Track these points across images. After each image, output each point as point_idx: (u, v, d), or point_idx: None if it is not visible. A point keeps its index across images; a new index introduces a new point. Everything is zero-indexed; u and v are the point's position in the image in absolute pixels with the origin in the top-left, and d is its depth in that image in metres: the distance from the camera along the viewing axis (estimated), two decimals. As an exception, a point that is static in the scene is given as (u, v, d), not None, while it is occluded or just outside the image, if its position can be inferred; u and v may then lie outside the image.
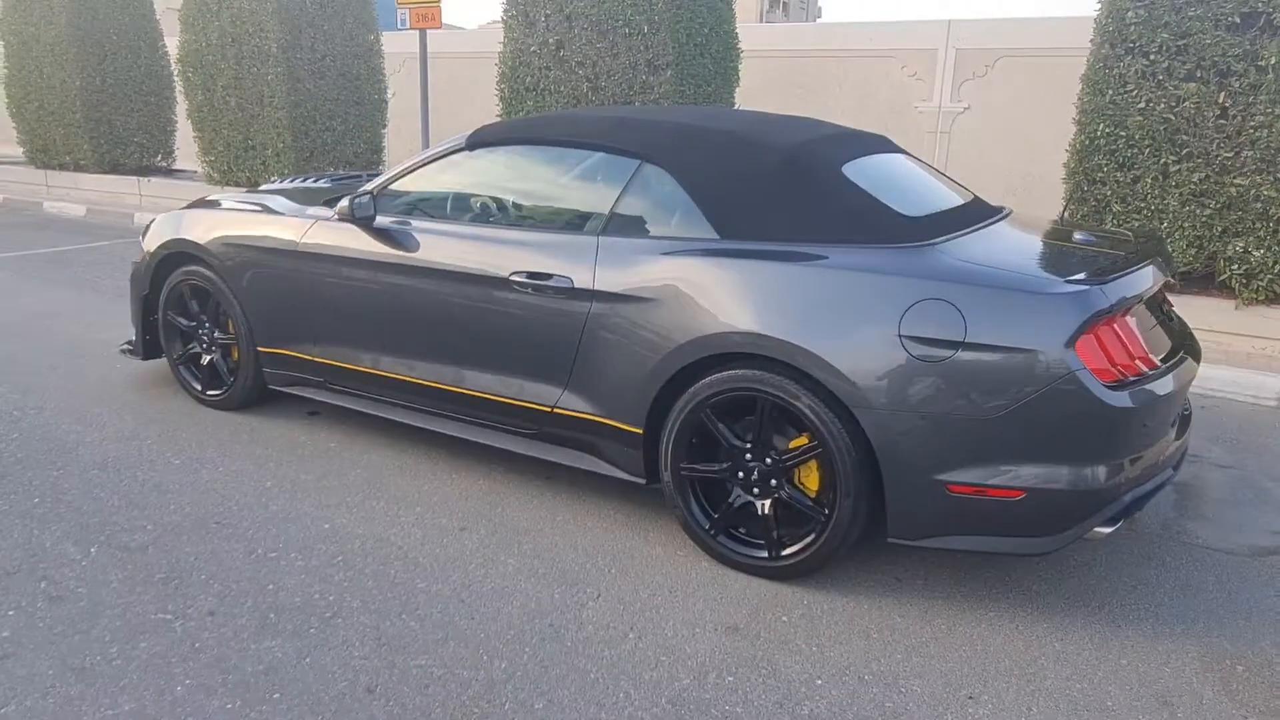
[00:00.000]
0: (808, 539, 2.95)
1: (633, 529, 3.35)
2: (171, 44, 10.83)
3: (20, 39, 11.56)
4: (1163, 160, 5.47)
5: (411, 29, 8.98)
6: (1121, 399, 2.60)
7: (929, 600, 2.95)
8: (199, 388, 4.48)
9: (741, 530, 3.09)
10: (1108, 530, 2.74)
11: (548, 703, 2.41)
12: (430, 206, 3.77)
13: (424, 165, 3.80)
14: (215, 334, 4.38)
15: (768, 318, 2.88)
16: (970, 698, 2.48)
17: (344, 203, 3.72)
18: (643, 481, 3.26)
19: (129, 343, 4.78)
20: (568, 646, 2.66)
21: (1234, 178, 5.30)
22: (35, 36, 11.37)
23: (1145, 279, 2.91)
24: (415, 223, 3.69)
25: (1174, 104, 5.36)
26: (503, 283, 3.37)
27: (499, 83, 7.91)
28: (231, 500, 3.51)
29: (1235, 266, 5.44)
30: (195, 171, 11.52)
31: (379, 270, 3.71)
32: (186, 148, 11.44)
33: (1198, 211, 5.44)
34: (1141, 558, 3.27)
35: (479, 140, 3.70)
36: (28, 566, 3.01)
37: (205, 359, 4.45)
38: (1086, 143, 5.71)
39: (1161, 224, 5.55)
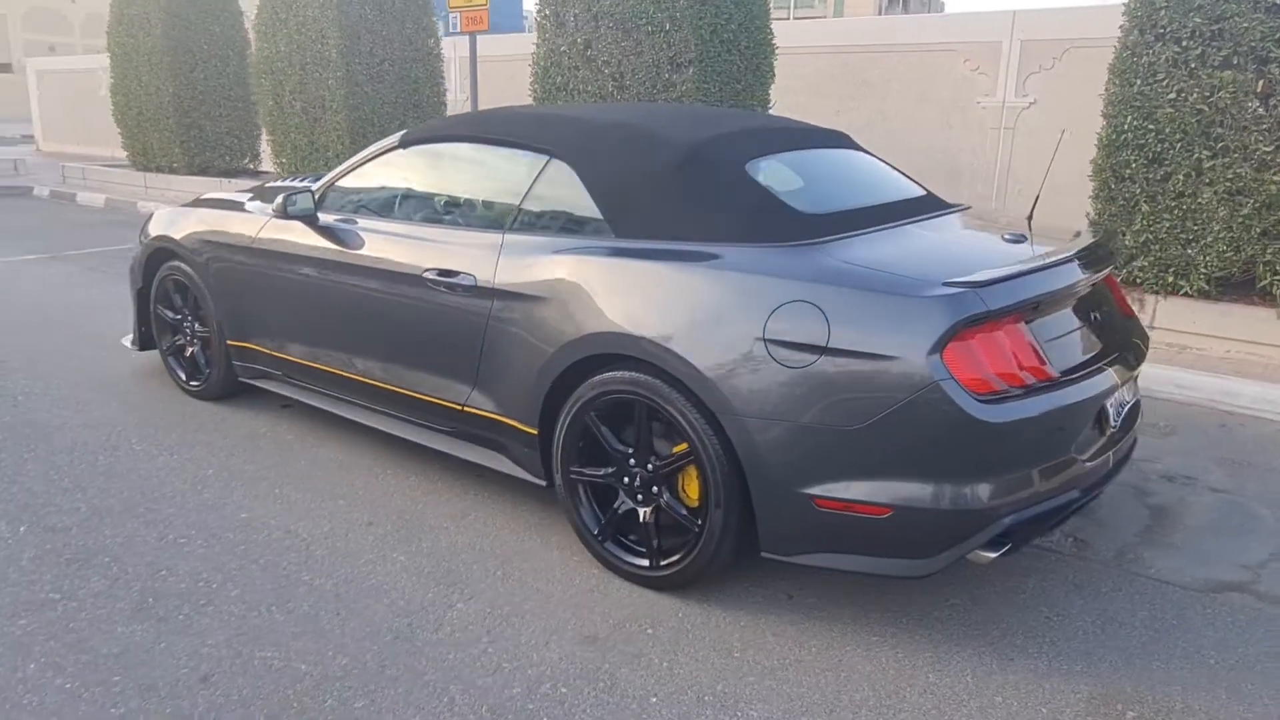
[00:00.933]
0: (683, 550, 2.84)
1: (538, 532, 3.30)
2: (255, 52, 11.39)
3: (123, 49, 12.39)
4: (1195, 155, 5.01)
5: (462, 33, 9.16)
6: (995, 413, 2.38)
7: (813, 620, 2.79)
8: (183, 378, 4.68)
9: (630, 537, 3.00)
10: (991, 555, 2.53)
11: (369, 703, 2.39)
12: (366, 204, 3.82)
13: (364, 163, 3.86)
14: (195, 326, 4.57)
15: (639, 319, 2.78)
16: (807, 727, 2.33)
17: (278, 200, 3.81)
18: (543, 483, 3.21)
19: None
20: (415, 647, 2.63)
21: (1274, 174, 4.81)
22: (135, 46, 12.16)
23: (1053, 280, 2.65)
24: (352, 219, 3.75)
25: (1208, 94, 4.91)
26: (419, 280, 3.38)
27: (532, 83, 7.96)
28: (168, 487, 3.64)
29: (1277, 272, 4.94)
30: (277, 174, 12.08)
31: (317, 267, 3.78)
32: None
33: (1234, 211, 4.97)
34: (1074, 585, 3.00)
35: (411, 139, 3.73)
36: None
37: (188, 350, 4.64)
38: (1114, 136, 5.30)
39: (1194, 225, 5.09)
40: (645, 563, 2.92)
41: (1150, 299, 5.41)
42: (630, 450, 2.91)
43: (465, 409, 3.36)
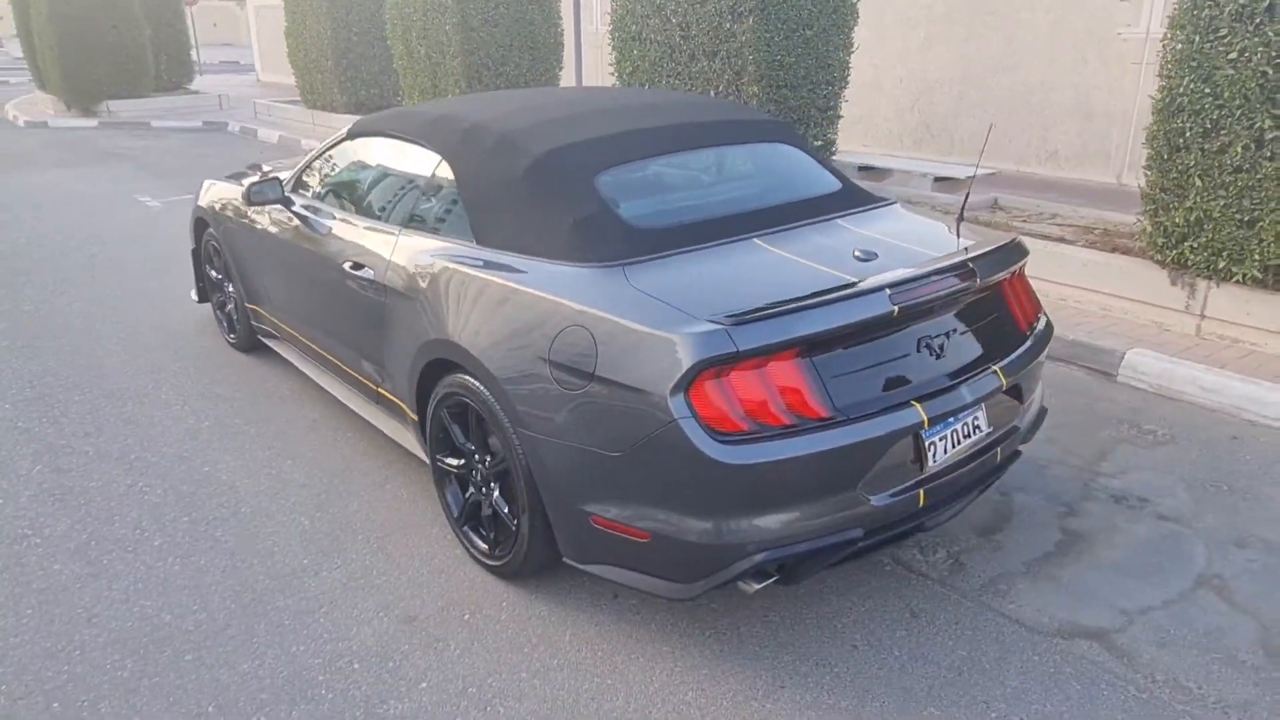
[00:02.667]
0: (506, 544, 3.03)
1: (429, 509, 3.59)
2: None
3: (294, -5, 13.41)
4: (1257, 125, 4.35)
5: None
6: (735, 454, 2.37)
7: (623, 622, 2.92)
8: (226, 330, 5.31)
9: (483, 526, 3.22)
10: (755, 586, 2.55)
11: (196, 658, 2.79)
12: (319, 190, 4.14)
13: (326, 150, 4.17)
14: (228, 287, 5.15)
15: (467, 330, 2.94)
16: (540, 730, 2.51)
17: (245, 185, 4.20)
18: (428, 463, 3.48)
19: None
20: (265, 610, 3.01)
21: (1345, 150, 4.11)
22: (302, -8, 13.14)
23: (847, 314, 2.52)
24: (311, 205, 4.09)
25: (1275, 54, 4.22)
26: (340, 269, 3.68)
27: (610, 30, 7.97)
28: (165, 436, 4.23)
29: (1346, 263, 4.27)
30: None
31: (281, 246, 4.18)
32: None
33: (1297, 192, 4.31)
34: (910, 613, 2.94)
35: (355, 130, 3.99)
36: (-12, 476, 3.92)
37: (227, 306, 5.25)
38: (1168, 100, 4.68)
39: (1251, 205, 4.46)
40: (487, 549, 3.15)
41: (1201, 285, 4.82)
42: (473, 448, 3.11)
43: (379, 389, 3.67)
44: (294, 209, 4.12)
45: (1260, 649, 2.78)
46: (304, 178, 4.25)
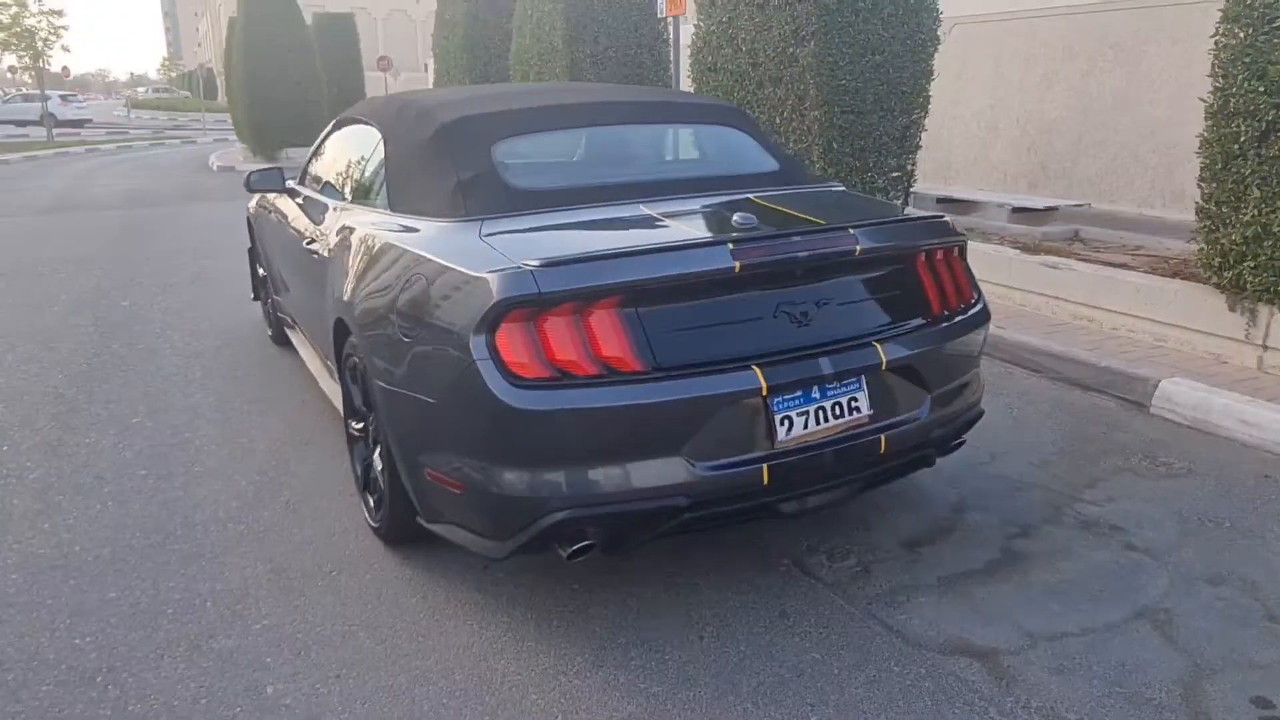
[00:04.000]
0: (381, 508, 3.02)
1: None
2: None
3: (442, 49, 14.41)
4: (1317, 124, 3.80)
5: (667, 15, 9.44)
6: (529, 399, 2.26)
7: (476, 592, 2.82)
8: (268, 324, 5.66)
9: (370, 489, 3.21)
10: (569, 550, 2.40)
11: (26, 581, 2.93)
12: (312, 176, 4.36)
13: (321, 141, 4.41)
14: (268, 283, 5.51)
15: (352, 289, 3.00)
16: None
17: (247, 173, 4.50)
18: None
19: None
20: (147, 546, 3.12)
21: None
22: (448, 45, 14.09)
23: (675, 264, 2.38)
24: (307, 192, 4.33)
25: (1335, 43, 3.70)
26: (302, 247, 3.86)
27: (690, 62, 8.03)
28: (171, 409, 4.53)
29: None
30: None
31: (281, 233, 4.43)
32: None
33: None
34: (779, 614, 2.68)
35: (339, 120, 4.20)
36: (21, 419, 4.32)
37: (268, 302, 5.60)
38: (1222, 102, 4.17)
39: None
40: (370, 512, 3.14)
41: (1262, 311, 4.20)
42: (366, 409, 3.14)
43: (326, 361, 3.79)
44: (294, 198, 4.37)
45: (1180, 689, 2.33)
46: (308, 168, 4.50)
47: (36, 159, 22.38)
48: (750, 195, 3.07)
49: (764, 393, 2.40)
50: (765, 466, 2.44)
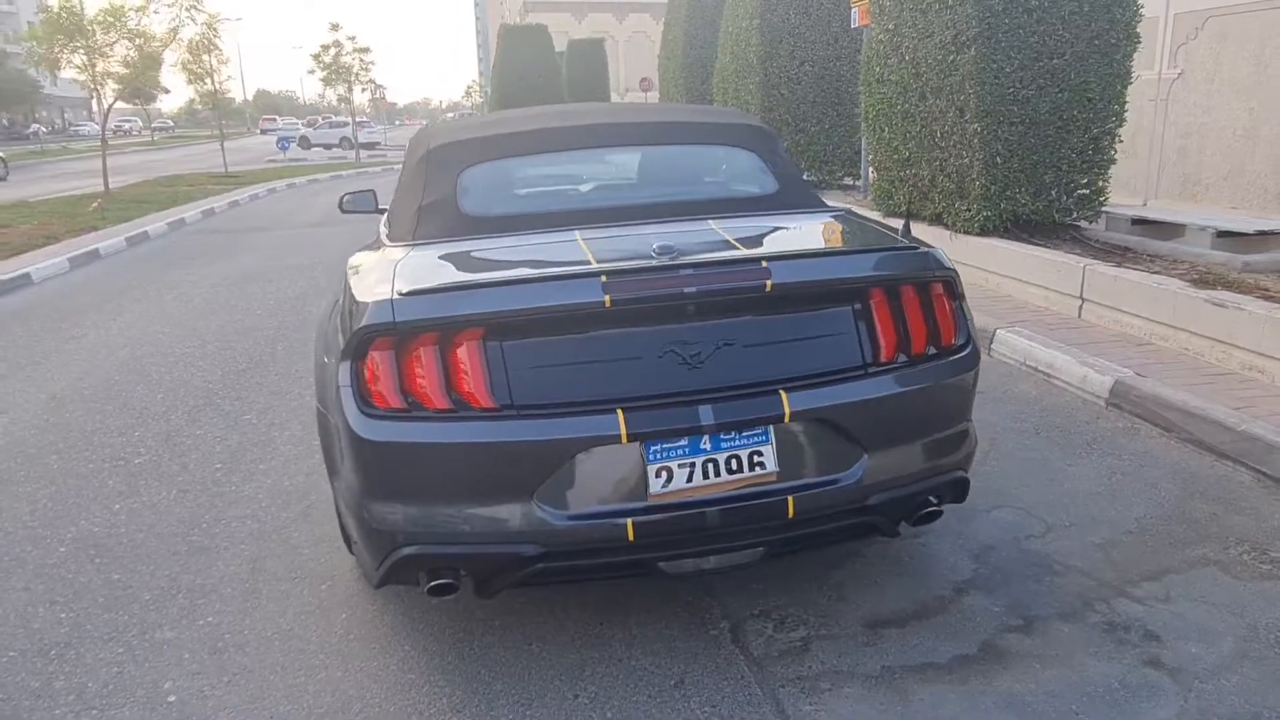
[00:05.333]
0: (341, 519, 3.10)
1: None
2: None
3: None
4: None
5: (860, 25, 9.00)
6: (377, 430, 2.22)
7: (402, 616, 2.82)
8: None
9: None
10: (427, 586, 2.32)
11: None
12: None
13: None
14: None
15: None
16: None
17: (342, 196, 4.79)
18: None
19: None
20: (80, 503, 3.44)
21: None
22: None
23: (563, 295, 2.24)
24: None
25: None
26: None
27: (861, 75, 7.58)
28: (249, 399, 4.97)
29: None
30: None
31: None
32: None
33: None
34: (657, 683, 2.44)
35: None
36: (165, 409, 4.94)
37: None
38: None
39: None
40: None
41: None
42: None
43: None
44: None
45: None
46: None
47: (340, 177, 25.59)
48: (714, 222, 2.82)
49: (623, 439, 2.19)
50: (630, 521, 2.23)
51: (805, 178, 3.26)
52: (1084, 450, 3.84)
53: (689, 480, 2.25)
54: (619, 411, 2.20)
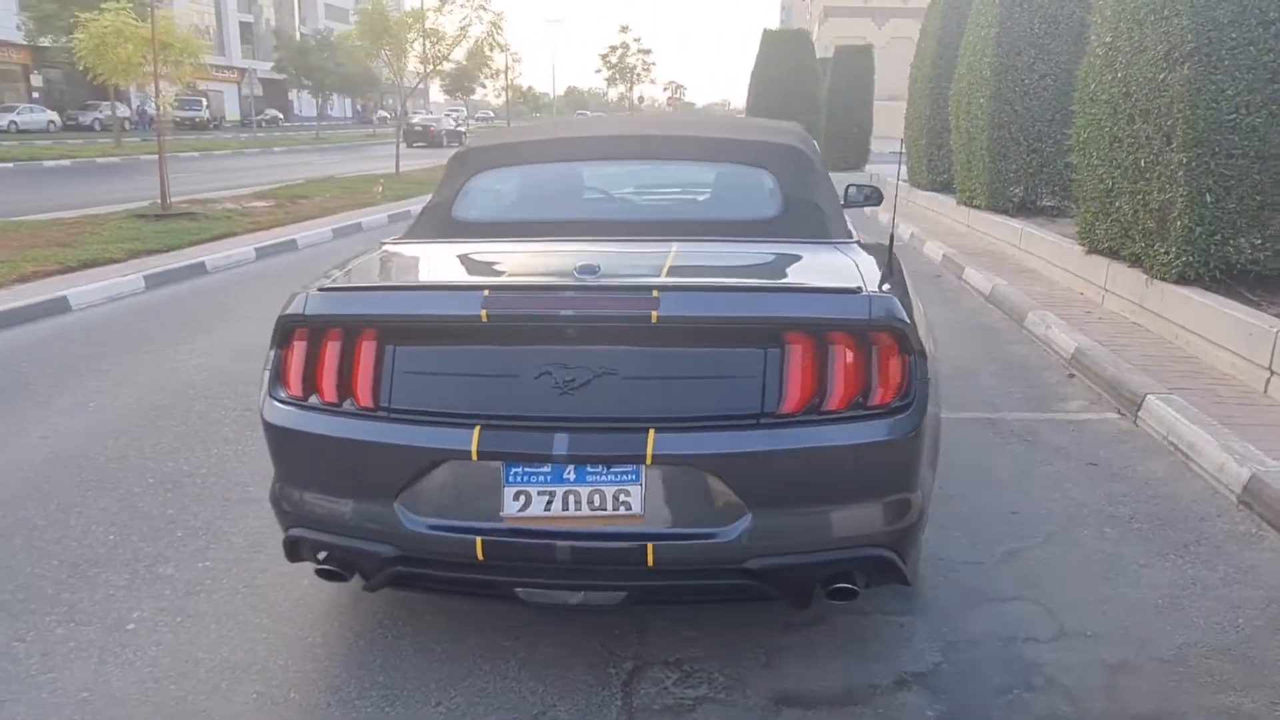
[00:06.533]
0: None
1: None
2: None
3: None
4: None
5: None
6: (278, 415, 2.36)
7: (325, 606, 2.92)
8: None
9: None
10: (317, 567, 2.43)
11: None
12: None
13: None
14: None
15: None
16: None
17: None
18: None
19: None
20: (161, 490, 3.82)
21: None
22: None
23: (443, 305, 2.26)
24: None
25: None
26: None
27: (1078, 92, 6.74)
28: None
29: None
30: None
31: None
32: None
33: None
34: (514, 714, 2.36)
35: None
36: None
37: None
38: None
39: None
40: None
41: None
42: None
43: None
44: None
45: None
46: None
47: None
48: (684, 245, 2.68)
49: (474, 456, 2.15)
50: (479, 540, 2.19)
51: (825, 204, 2.98)
52: (1174, 552, 3.20)
53: (546, 509, 2.17)
54: (476, 428, 2.17)
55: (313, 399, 2.34)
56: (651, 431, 2.13)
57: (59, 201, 14.04)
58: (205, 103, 48.25)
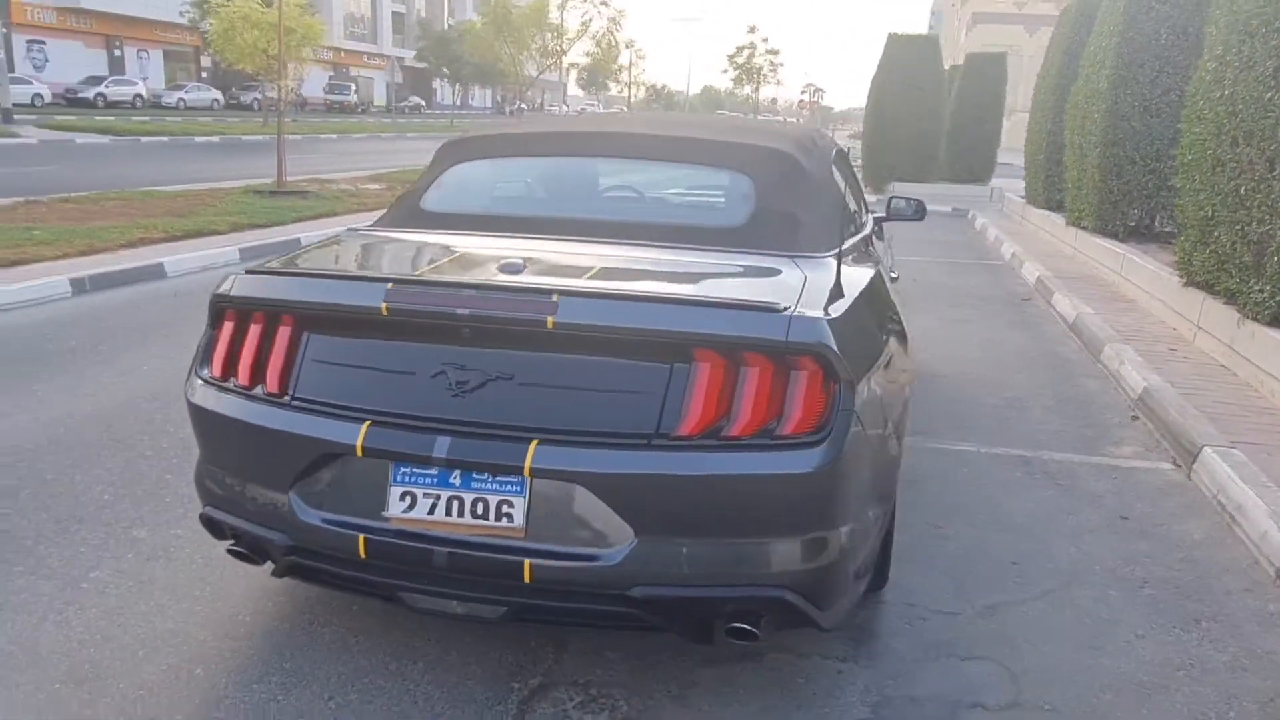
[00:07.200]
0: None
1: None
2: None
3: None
4: None
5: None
6: (194, 394, 2.39)
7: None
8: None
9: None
10: (227, 547, 2.44)
11: (174, 464, 3.88)
12: None
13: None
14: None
15: None
16: None
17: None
18: None
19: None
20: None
21: None
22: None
23: (348, 295, 2.22)
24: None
25: None
26: None
27: (1185, 109, 6.16)
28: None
29: None
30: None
31: None
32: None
33: None
34: (424, 723, 2.29)
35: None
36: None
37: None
38: None
39: None
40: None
41: None
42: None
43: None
44: None
45: None
46: None
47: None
48: (631, 250, 2.56)
49: (358, 452, 2.10)
50: (362, 537, 2.14)
51: (808, 214, 2.77)
52: (1181, 625, 2.85)
53: (430, 512, 2.10)
54: (366, 424, 2.12)
55: (230, 381, 2.35)
56: (534, 443, 2.03)
57: (195, 174, 14.99)
58: (354, 87, 50.71)
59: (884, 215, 4.49)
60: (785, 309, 2.07)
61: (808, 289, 2.30)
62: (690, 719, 2.34)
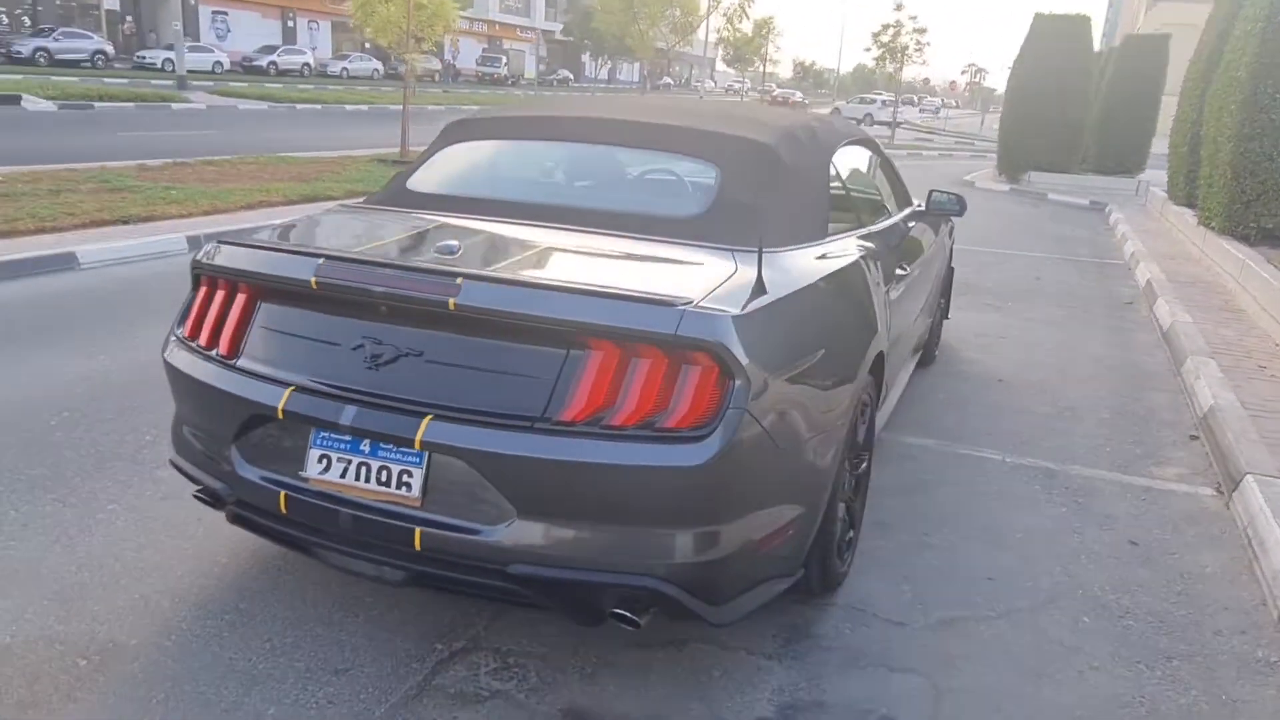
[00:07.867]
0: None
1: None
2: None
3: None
4: None
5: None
6: (167, 352, 2.60)
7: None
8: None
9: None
10: (192, 494, 2.66)
11: None
12: None
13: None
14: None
15: None
16: None
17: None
18: None
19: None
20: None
21: None
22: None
23: (284, 267, 2.37)
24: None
25: None
26: None
27: None
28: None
29: None
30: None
31: None
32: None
33: None
34: (280, 694, 2.45)
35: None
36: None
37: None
38: None
39: None
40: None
41: None
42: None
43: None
44: None
45: None
46: None
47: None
48: (577, 236, 2.61)
49: (279, 415, 2.25)
50: (283, 494, 2.30)
51: (775, 207, 2.73)
52: (1148, 662, 2.68)
53: (342, 476, 2.24)
54: (289, 389, 2.27)
55: (195, 341, 2.55)
56: (429, 418, 2.12)
57: (335, 142, 15.86)
58: (505, 60, 52.14)
59: (923, 208, 4.36)
60: (683, 303, 2.08)
61: (728, 284, 2.29)
62: (592, 696, 2.41)
